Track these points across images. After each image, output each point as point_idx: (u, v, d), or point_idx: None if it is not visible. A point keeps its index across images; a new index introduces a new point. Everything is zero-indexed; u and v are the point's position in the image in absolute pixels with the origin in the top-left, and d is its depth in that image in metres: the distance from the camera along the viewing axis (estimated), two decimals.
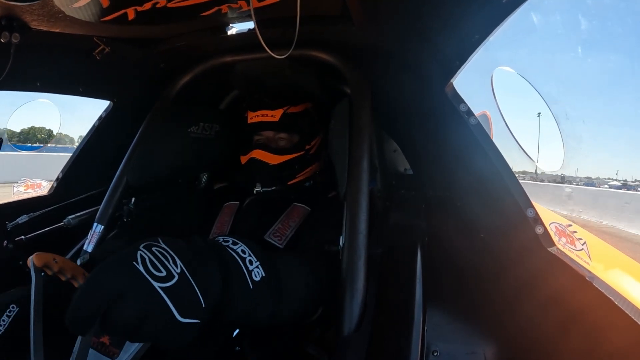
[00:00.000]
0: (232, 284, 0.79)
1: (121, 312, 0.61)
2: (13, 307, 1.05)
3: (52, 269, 1.01)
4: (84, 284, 0.63)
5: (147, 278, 0.63)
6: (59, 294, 1.08)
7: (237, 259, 0.84)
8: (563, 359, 1.12)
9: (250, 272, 0.85)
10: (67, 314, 0.60)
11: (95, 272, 0.64)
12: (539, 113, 1.45)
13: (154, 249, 0.68)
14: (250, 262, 0.87)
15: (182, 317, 0.65)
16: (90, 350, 0.95)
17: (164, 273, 0.65)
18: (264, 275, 0.87)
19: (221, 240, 0.89)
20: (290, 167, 1.59)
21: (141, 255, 0.66)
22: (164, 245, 0.70)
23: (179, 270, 0.68)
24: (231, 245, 0.87)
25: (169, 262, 0.68)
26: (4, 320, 1.03)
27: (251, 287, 0.83)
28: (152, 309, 0.63)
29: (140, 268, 0.64)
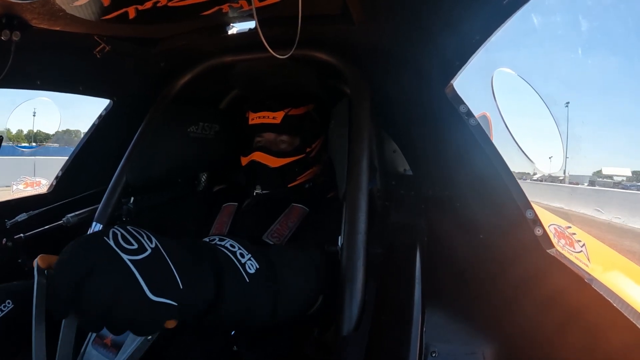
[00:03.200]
0: (225, 279, 0.77)
1: (91, 288, 0.59)
2: (8, 303, 1.04)
3: None
4: (56, 263, 0.62)
5: (116, 251, 0.62)
6: None
7: (227, 254, 0.83)
8: None
9: (243, 265, 0.83)
10: (47, 298, 0.60)
11: (66, 250, 0.63)
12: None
13: (129, 227, 0.67)
14: (242, 255, 0.85)
15: (154, 294, 0.62)
16: (94, 350, 0.95)
17: (135, 246, 0.64)
18: (258, 267, 0.86)
19: (207, 239, 0.88)
20: (291, 170, 1.59)
21: (113, 232, 0.64)
22: (143, 230, 0.69)
23: (153, 245, 0.66)
24: (218, 242, 0.86)
25: (142, 238, 0.66)
26: None
27: (247, 280, 0.82)
28: (121, 283, 0.60)
29: (111, 242, 0.62)
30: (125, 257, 0.62)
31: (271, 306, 0.89)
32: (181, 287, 0.66)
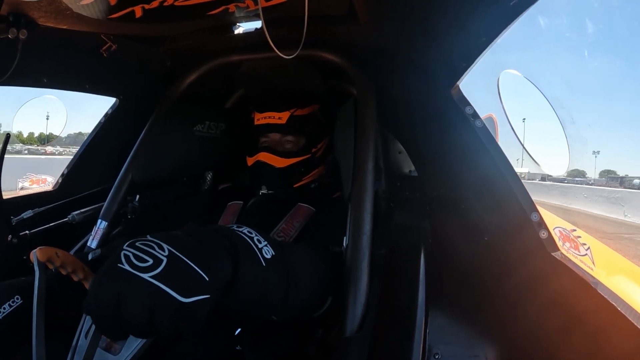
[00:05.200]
0: (242, 261, 0.78)
1: (125, 315, 0.62)
2: (17, 299, 1.05)
3: (54, 263, 1.00)
4: (85, 306, 0.65)
5: (134, 273, 0.63)
6: (61, 287, 1.08)
7: (244, 238, 0.84)
8: None
9: (260, 250, 0.84)
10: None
11: (90, 287, 0.66)
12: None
13: (137, 244, 0.68)
14: (259, 241, 0.86)
15: (185, 297, 0.65)
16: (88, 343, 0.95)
17: (150, 261, 0.65)
18: (274, 254, 0.87)
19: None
20: (297, 170, 1.59)
21: (124, 254, 0.66)
22: (149, 238, 0.70)
23: (166, 253, 0.67)
24: (236, 228, 0.87)
25: (154, 249, 0.67)
26: (4, 309, 1.03)
27: (263, 264, 0.83)
28: (152, 300, 0.63)
29: (126, 267, 0.64)
30: (145, 276, 0.63)
31: (284, 292, 0.90)
32: (207, 279, 0.69)
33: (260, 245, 0.86)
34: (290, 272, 0.92)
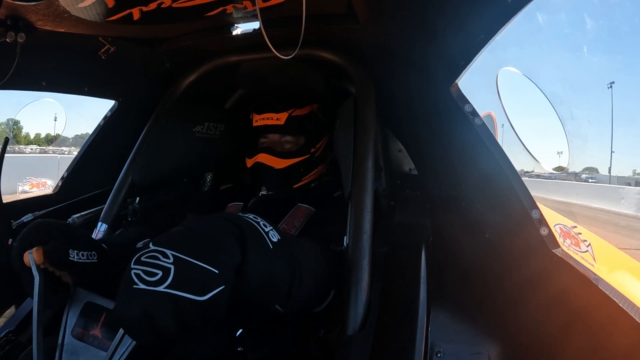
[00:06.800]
0: (249, 244, 0.79)
1: (158, 325, 0.65)
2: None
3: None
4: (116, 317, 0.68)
5: (150, 289, 0.65)
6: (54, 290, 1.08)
7: (251, 223, 0.85)
8: None
9: (267, 233, 0.85)
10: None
11: (114, 309, 0.68)
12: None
13: (142, 258, 0.69)
14: (265, 226, 0.87)
15: (202, 295, 0.67)
16: (83, 344, 0.95)
17: (160, 273, 0.67)
18: (280, 238, 0.88)
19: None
20: (296, 171, 1.59)
21: (135, 274, 0.67)
22: (151, 247, 0.71)
23: (171, 260, 0.68)
24: (241, 214, 0.88)
25: (159, 260, 0.68)
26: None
27: (271, 246, 0.84)
28: (175, 307, 0.65)
29: (141, 285, 0.66)
30: (160, 288, 0.66)
31: (290, 277, 0.90)
32: (217, 272, 0.70)
33: (266, 229, 0.86)
34: (295, 259, 0.93)
